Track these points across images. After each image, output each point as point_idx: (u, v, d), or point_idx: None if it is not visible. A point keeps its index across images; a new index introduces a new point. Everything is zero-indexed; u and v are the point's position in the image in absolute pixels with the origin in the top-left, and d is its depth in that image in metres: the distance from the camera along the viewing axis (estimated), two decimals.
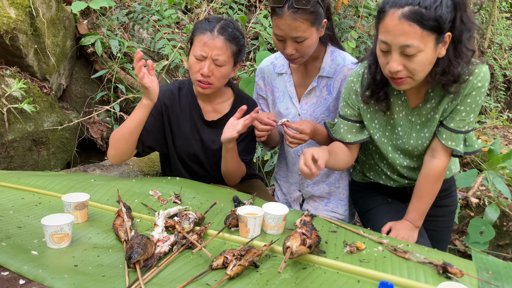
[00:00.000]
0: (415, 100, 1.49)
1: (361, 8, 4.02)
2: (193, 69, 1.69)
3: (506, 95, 6.11)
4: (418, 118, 1.49)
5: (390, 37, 1.27)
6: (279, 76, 1.88)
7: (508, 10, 6.56)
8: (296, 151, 1.91)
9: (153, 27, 3.75)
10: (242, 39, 1.73)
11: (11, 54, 2.87)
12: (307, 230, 1.22)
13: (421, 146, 1.52)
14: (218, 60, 1.65)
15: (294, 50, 1.62)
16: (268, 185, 3.28)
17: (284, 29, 1.58)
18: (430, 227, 1.67)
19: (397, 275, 1.14)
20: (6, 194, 1.64)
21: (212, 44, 1.64)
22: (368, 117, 1.57)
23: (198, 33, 1.68)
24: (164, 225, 1.35)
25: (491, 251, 2.62)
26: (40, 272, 1.10)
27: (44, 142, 3.01)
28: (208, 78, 1.67)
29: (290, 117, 1.85)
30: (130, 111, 3.51)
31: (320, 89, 1.81)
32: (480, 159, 3.06)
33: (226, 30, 1.67)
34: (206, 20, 1.72)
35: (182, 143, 1.83)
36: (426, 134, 1.50)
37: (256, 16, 4.19)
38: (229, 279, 1.11)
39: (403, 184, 1.69)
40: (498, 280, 1.17)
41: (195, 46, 1.68)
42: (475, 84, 1.38)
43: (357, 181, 1.86)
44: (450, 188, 1.74)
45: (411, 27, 1.24)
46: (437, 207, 1.68)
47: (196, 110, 1.82)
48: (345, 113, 1.62)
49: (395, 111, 1.51)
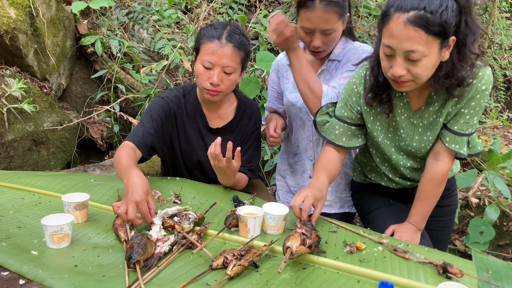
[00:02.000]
0: (418, 103, 1.48)
1: (361, 8, 4.02)
2: (202, 78, 1.65)
3: (506, 95, 6.11)
4: (420, 121, 1.48)
5: (394, 41, 1.26)
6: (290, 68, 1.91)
7: (508, 10, 6.56)
8: (308, 136, 1.94)
9: (153, 27, 3.75)
10: (248, 45, 1.71)
11: (11, 54, 2.87)
12: (307, 230, 1.21)
13: (424, 149, 1.51)
14: (227, 68, 1.63)
15: (321, 42, 1.68)
16: (268, 185, 3.28)
17: (314, 21, 1.63)
18: (431, 227, 1.67)
19: (397, 275, 1.14)
20: (6, 194, 1.64)
21: (221, 53, 1.61)
22: (371, 119, 1.55)
23: (205, 41, 1.64)
24: (162, 223, 1.35)
25: (491, 251, 2.62)
26: (40, 272, 1.10)
27: (44, 142, 3.01)
28: (218, 86, 1.64)
29: (298, 105, 1.89)
30: (130, 111, 3.51)
31: (330, 72, 1.83)
32: (480, 159, 3.06)
33: (234, 37, 1.63)
34: (212, 26, 1.68)
35: (188, 150, 1.82)
36: (430, 137, 1.49)
37: (256, 16, 4.19)
38: (229, 279, 1.11)
39: (405, 186, 1.68)
40: (498, 280, 1.17)
41: (202, 54, 1.64)
42: (479, 87, 1.37)
43: (357, 181, 1.85)
44: (451, 188, 1.73)
45: (416, 32, 1.22)
46: (438, 207, 1.68)
47: (201, 118, 1.80)
48: (342, 114, 1.59)
49: (397, 113, 1.50)
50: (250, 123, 1.83)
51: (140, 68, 3.56)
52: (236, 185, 1.73)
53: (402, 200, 1.74)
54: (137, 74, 3.50)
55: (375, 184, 1.76)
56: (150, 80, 3.43)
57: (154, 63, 3.37)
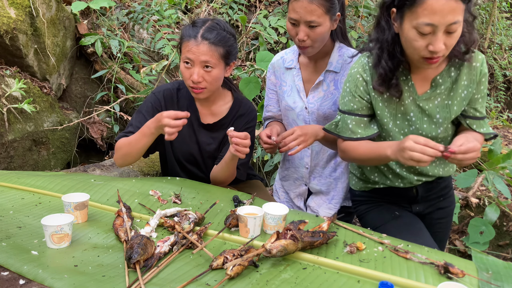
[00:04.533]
0: (422, 86, 1.49)
1: (361, 8, 4.02)
2: (184, 76, 1.69)
3: (506, 95, 6.10)
4: (427, 104, 1.50)
5: (437, 17, 1.27)
6: (287, 71, 1.92)
7: (508, 10, 6.56)
8: None
9: (153, 27, 3.75)
10: (230, 39, 1.71)
11: (11, 54, 2.87)
12: (288, 228, 1.24)
13: (435, 132, 1.51)
14: (205, 63, 1.65)
15: (306, 36, 1.68)
16: (268, 185, 3.28)
17: (299, 11, 1.64)
18: (434, 229, 1.67)
19: (397, 275, 1.14)
20: (6, 194, 1.64)
21: (197, 50, 1.63)
22: (380, 106, 1.54)
23: (184, 40, 1.68)
24: (156, 225, 1.35)
25: (491, 251, 2.62)
26: (40, 272, 1.10)
27: (44, 142, 3.01)
28: (199, 83, 1.67)
29: (297, 110, 1.88)
30: (130, 111, 3.51)
31: (327, 83, 1.83)
32: (480, 159, 3.06)
33: (211, 33, 1.65)
34: (192, 24, 1.71)
35: (179, 144, 1.83)
36: (440, 119, 1.50)
37: (256, 16, 4.19)
38: (229, 279, 1.11)
39: (411, 181, 1.62)
40: (498, 280, 1.17)
41: (182, 53, 1.69)
42: (482, 70, 1.46)
43: (357, 190, 1.78)
44: (449, 186, 1.73)
45: (457, 3, 1.26)
46: (439, 210, 1.69)
47: (194, 113, 1.82)
48: (351, 107, 1.56)
49: (404, 97, 1.51)
50: (242, 122, 1.84)
51: (140, 68, 3.56)
52: (230, 178, 1.79)
53: (407, 201, 1.69)
54: (137, 74, 3.50)
55: (376, 190, 1.71)
56: (150, 80, 3.43)
57: (154, 63, 3.37)
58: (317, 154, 1.92)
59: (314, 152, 1.92)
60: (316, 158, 1.93)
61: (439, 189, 1.69)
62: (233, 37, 1.73)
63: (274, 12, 4.29)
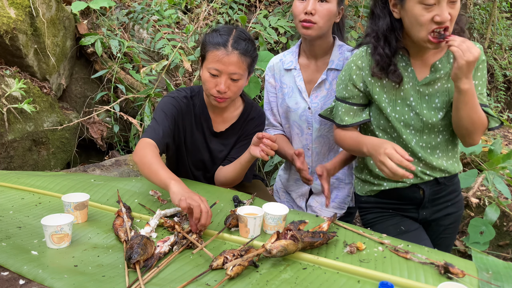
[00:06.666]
0: (422, 72, 1.51)
1: (361, 8, 4.01)
2: (209, 85, 1.64)
3: (506, 95, 6.10)
4: (426, 89, 1.51)
5: None
6: (287, 72, 1.91)
7: (508, 10, 6.56)
8: (306, 145, 1.92)
9: (153, 27, 3.75)
10: (254, 50, 1.69)
11: (11, 54, 2.87)
12: (288, 229, 1.25)
13: (435, 117, 1.52)
14: (234, 75, 1.62)
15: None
16: (268, 185, 3.28)
17: None
18: (441, 235, 1.67)
19: (397, 275, 1.14)
20: (6, 194, 1.64)
21: (227, 60, 1.59)
22: (377, 91, 1.55)
23: (211, 48, 1.62)
24: (155, 225, 1.35)
25: (491, 251, 2.62)
26: (40, 272, 1.10)
27: (44, 142, 3.01)
28: (225, 93, 1.64)
29: (299, 111, 1.87)
30: (130, 111, 3.51)
31: (330, 82, 1.83)
32: (480, 159, 3.06)
33: (240, 44, 1.61)
34: (217, 32, 1.66)
35: (193, 150, 1.82)
36: (438, 104, 1.51)
37: (256, 16, 4.19)
38: (229, 279, 1.11)
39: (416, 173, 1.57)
40: (498, 280, 1.17)
41: (208, 61, 1.63)
42: (480, 57, 1.47)
43: (363, 196, 1.74)
44: (457, 190, 1.69)
45: None
46: (447, 216, 1.66)
47: (206, 121, 1.80)
48: (343, 95, 1.60)
49: (404, 82, 1.52)
50: (252, 125, 1.83)
51: (140, 68, 3.56)
52: (238, 180, 1.78)
53: (414, 205, 1.64)
54: (137, 74, 3.50)
55: (383, 192, 1.66)
56: (150, 80, 3.43)
57: (154, 63, 3.37)
58: (317, 154, 1.92)
59: (314, 153, 1.92)
60: (317, 159, 1.93)
61: (447, 193, 1.64)
62: (255, 47, 1.72)
63: (274, 12, 4.28)
